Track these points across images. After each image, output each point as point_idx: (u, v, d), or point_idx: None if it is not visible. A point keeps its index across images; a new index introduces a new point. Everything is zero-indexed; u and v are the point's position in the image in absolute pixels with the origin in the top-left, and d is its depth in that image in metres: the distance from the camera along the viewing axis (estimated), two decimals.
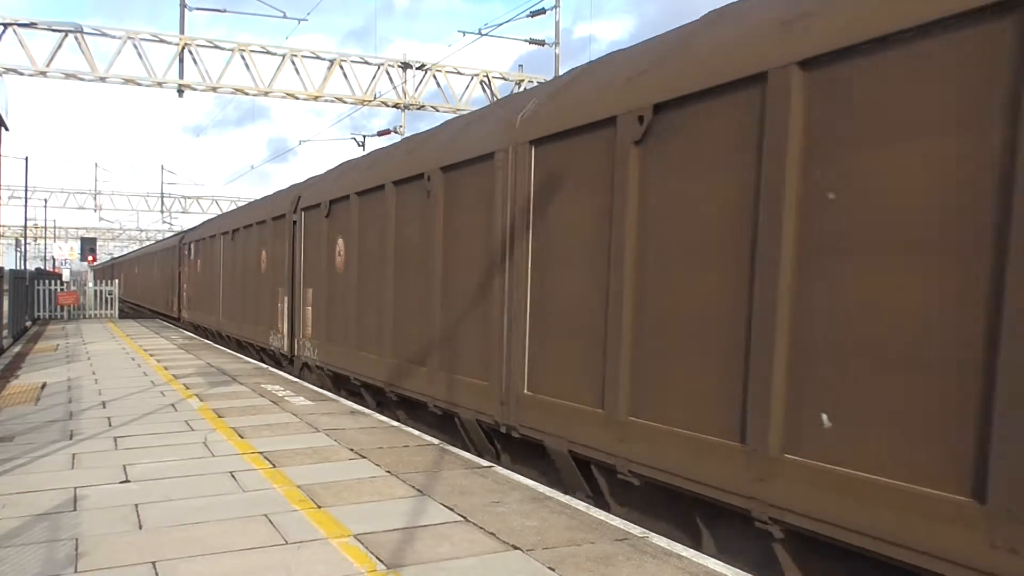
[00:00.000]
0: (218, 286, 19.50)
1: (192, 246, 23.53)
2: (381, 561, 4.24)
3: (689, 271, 4.85)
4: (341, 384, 11.22)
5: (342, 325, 10.77)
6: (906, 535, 3.54)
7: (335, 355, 11.04)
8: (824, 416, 3.95)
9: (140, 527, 4.78)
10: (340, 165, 12.76)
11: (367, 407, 9.70)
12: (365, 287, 10.02)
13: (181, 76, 20.79)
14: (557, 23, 22.80)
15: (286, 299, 13.70)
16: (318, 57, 21.86)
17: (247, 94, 21.66)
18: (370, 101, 22.27)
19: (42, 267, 45.63)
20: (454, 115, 21.63)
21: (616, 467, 5.36)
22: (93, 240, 37.62)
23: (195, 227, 27.10)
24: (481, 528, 4.80)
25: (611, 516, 5.11)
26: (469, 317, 7.40)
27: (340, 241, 10.96)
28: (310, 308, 12.27)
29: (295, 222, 13.00)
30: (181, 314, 25.22)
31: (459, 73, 23.28)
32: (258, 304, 15.65)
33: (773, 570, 4.42)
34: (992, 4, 3.32)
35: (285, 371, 13.46)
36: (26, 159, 31.04)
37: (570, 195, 6.00)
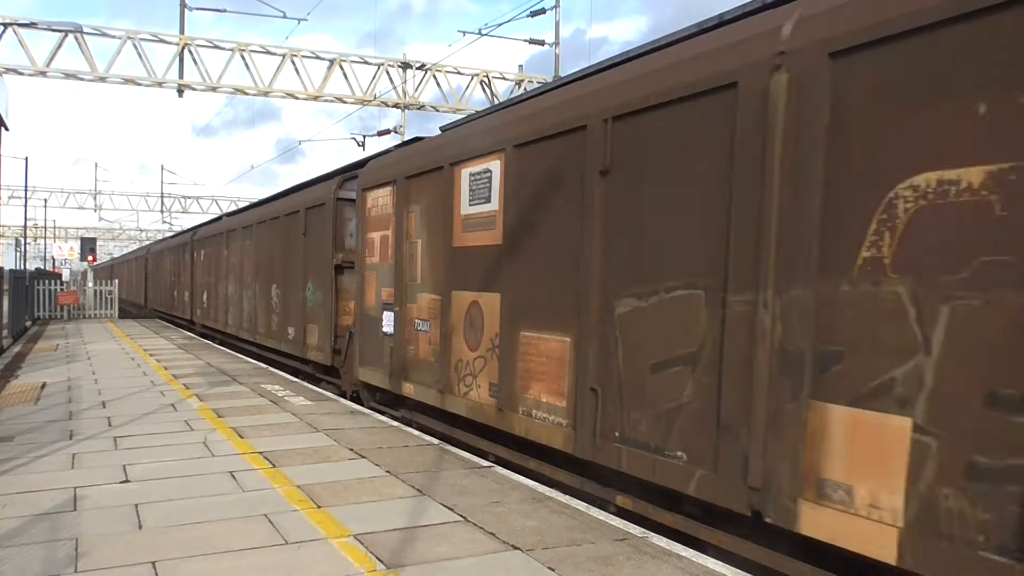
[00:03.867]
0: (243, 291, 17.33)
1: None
2: (381, 561, 4.24)
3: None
4: None
5: None
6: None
7: None
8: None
9: (140, 527, 4.79)
10: None
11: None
12: None
13: (181, 76, 20.78)
14: (557, 23, 22.80)
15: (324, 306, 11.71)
16: (318, 57, 21.84)
17: (247, 94, 21.65)
18: (370, 101, 22.26)
19: (42, 267, 45.62)
20: (454, 115, 21.66)
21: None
22: (93, 240, 37.45)
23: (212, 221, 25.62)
24: (481, 528, 4.80)
25: (611, 516, 5.12)
26: None
27: None
28: None
29: None
30: (194, 319, 24.22)
31: (459, 73, 23.27)
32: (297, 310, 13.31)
33: (774, 573, 4.42)
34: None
35: (325, 388, 11.63)
36: (26, 159, 31.12)
37: None
